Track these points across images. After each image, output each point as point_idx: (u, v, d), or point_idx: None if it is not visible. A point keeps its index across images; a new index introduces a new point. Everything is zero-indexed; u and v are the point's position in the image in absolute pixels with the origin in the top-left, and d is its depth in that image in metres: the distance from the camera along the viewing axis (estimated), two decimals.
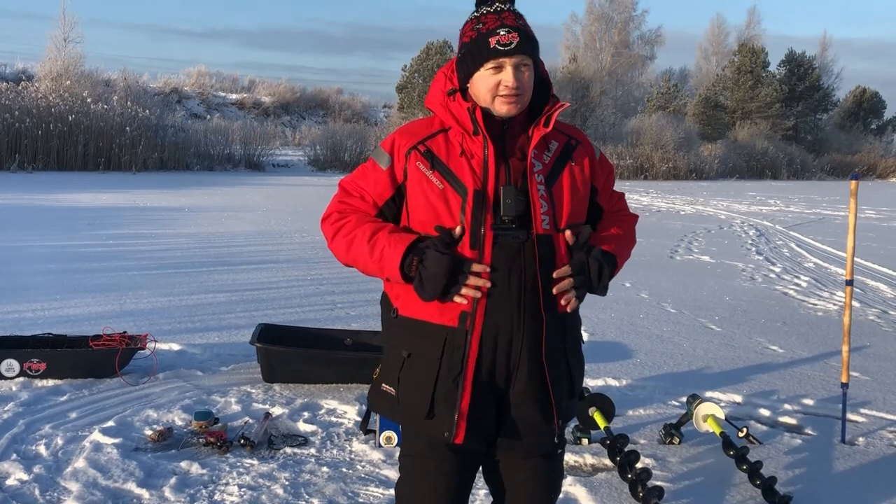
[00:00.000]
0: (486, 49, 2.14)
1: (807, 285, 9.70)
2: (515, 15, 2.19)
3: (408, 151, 2.23)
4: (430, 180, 2.19)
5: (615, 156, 39.02)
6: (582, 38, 52.00)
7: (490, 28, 2.15)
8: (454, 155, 2.20)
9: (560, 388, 2.25)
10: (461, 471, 2.32)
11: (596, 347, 6.36)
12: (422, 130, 2.27)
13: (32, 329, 5.94)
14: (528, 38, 2.16)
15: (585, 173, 2.30)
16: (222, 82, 53.22)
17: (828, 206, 24.17)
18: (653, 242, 13.34)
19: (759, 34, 56.35)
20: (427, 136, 2.24)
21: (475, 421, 2.19)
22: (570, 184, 2.25)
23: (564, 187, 2.23)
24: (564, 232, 2.21)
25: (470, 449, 2.25)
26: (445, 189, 2.18)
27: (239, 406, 4.68)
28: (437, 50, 44.45)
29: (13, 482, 3.60)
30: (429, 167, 2.20)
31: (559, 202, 2.21)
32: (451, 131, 2.24)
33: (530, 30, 2.20)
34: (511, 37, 2.13)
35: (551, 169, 2.23)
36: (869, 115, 59.13)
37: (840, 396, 4.58)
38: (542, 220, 2.17)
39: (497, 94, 2.16)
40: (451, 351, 2.17)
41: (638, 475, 3.55)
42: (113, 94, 30.84)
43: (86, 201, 17.00)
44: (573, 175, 2.26)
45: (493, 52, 2.13)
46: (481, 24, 2.18)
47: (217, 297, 7.63)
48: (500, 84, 2.15)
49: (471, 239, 2.14)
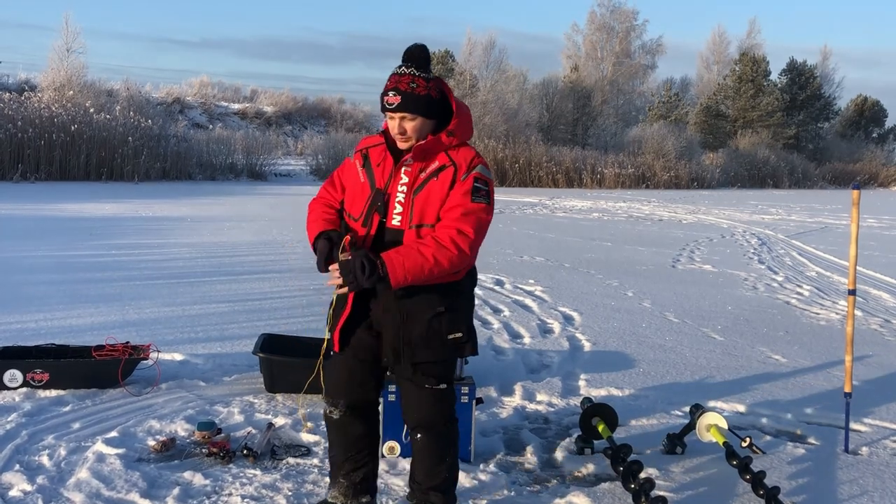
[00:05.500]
0: (382, 103, 3.10)
1: (809, 294, 9.70)
2: (411, 78, 3.07)
3: (356, 151, 3.29)
4: (358, 175, 3.23)
5: (616, 164, 39.04)
6: (583, 48, 52.10)
7: (387, 88, 3.08)
8: (377, 162, 3.20)
9: (388, 335, 3.18)
10: (353, 366, 3.28)
11: (598, 357, 6.36)
12: (372, 140, 3.30)
13: (35, 339, 5.95)
14: (410, 99, 3.04)
15: (444, 188, 3.10)
16: (224, 92, 53.30)
17: (829, 214, 24.16)
18: (655, 252, 13.35)
19: (760, 43, 56.40)
20: (371, 145, 3.28)
21: (346, 342, 3.24)
22: (428, 195, 3.09)
23: (423, 196, 3.09)
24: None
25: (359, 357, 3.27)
26: (364, 183, 3.20)
27: (242, 416, 4.68)
28: (439, 59, 44.53)
29: (16, 493, 3.60)
30: (361, 165, 3.24)
31: (417, 207, 3.08)
32: (385, 146, 3.21)
33: (421, 91, 3.06)
34: (395, 99, 3.05)
35: (423, 182, 3.10)
36: (870, 123, 59.15)
37: (843, 406, 4.57)
38: (394, 217, 3.10)
39: (393, 133, 3.13)
40: (342, 295, 3.17)
41: (641, 485, 3.55)
42: (115, 104, 30.85)
43: (88, 211, 17.01)
44: (432, 188, 3.10)
45: (384, 108, 3.10)
46: (388, 82, 3.09)
47: (219, 307, 7.63)
48: (393, 128, 3.11)
49: (363, 220, 3.14)
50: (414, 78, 3.07)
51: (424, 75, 3.10)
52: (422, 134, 3.10)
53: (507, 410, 5.01)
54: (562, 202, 26.19)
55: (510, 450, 4.37)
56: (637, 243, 14.68)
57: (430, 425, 3.29)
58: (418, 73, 3.09)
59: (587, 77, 49.57)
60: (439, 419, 3.30)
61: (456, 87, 41.72)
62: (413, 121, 3.07)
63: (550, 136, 43.17)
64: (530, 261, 11.77)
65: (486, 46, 43.16)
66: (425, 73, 3.11)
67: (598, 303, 8.53)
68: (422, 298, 3.13)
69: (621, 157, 40.03)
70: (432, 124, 3.12)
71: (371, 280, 2.96)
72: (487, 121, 39.06)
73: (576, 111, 47.44)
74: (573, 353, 6.46)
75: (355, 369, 3.28)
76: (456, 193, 3.09)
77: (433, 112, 3.11)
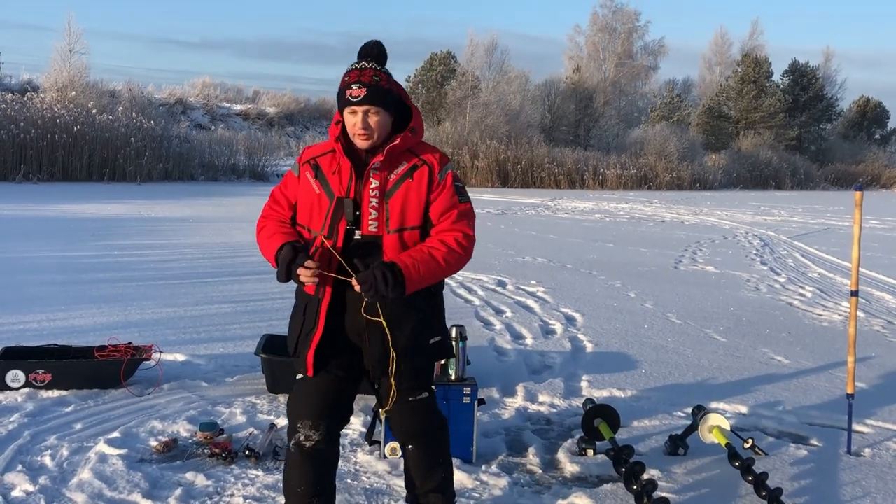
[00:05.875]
0: (343, 98, 2.92)
1: (811, 296, 9.69)
2: (374, 72, 2.92)
3: (304, 163, 3.08)
4: (311, 186, 3.02)
5: (618, 165, 39.01)
6: (585, 49, 52.11)
7: (349, 82, 2.91)
8: (331, 170, 2.99)
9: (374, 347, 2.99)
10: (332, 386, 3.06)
11: (601, 358, 6.35)
12: (318, 149, 3.09)
13: (38, 340, 5.95)
14: (375, 92, 2.89)
15: (422, 188, 2.97)
16: (227, 93, 53.37)
17: (832, 216, 24.14)
18: (657, 253, 13.34)
19: (763, 44, 56.37)
20: (319, 154, 3.07)
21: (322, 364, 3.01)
22: (404, 196, 2.95)
23: (398, 199, 2.94)
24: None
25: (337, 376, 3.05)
26: (321, 194, 2.99)
27: (244, 417, 4.68)
28: (441, 61, 44.52)
29: (18, 493, 3.60)
30: (313, 175, 3.02)
31: (392, 211, 2.93)
32: (336, 152, 3.00)
33: (384, 84, 2.92)
34: (360, 91, 2.88)
35: (393, 184, 2.95)
36: (873, 124, 59.08)
37: (845, 407, 4.57)
38: (370, 224, 2.93)
39: (354, 132, 2.93)
40: (309, 312, 3.03)
41: (643, 486, 3.55)
42: (118, 104, 30.88)
43: (91, 212, 17.03)
44: (408, 189, 2.95)
45: (347, 102, 2.91)
46: (347, 77, 2.93)
47: (222, 308, 7.64)
48: (355, 125, 2.91)
49: (328, 232, 2.95)
50: (376, 72, 2.93)
51: (385, 70, 2.98)
52: (384, 131, 2.95)
53: (509, 411, 5.01)
54: (564, 203, 26.19)
55: (512, 451, 4.37)
56: (639, 244, 14.67)
57: (420, 435, 3.19)
58: (380, 68, 2.96)
59: (589, 78, 49.55)
60: (428, 428, 3.21)
61: (458, 88, 41.76)
62: (378, 115, 2.91)
63: (552, 137, 43.14)
64: (532, 262, 11.77)
65: (489, 48, 43.13)
66: (384, 70, 2.99)
67: (601, 304, 8.53)
68: (405, 306, 2.96)
69: (623, 159, 40.00)
70: (391, 122, 2.98)
71: (396, 290, 2.80)
72: (489, 122, 39.05)
73: (578, 112, 47.41)
74: (575, 354, 6.45)
75: (334, 389, 3.06)
76: (444, 195, 2.99)
77: (394, 108, 2.98)
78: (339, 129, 2.99)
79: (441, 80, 43.76)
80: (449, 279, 9.94)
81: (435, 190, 2.98)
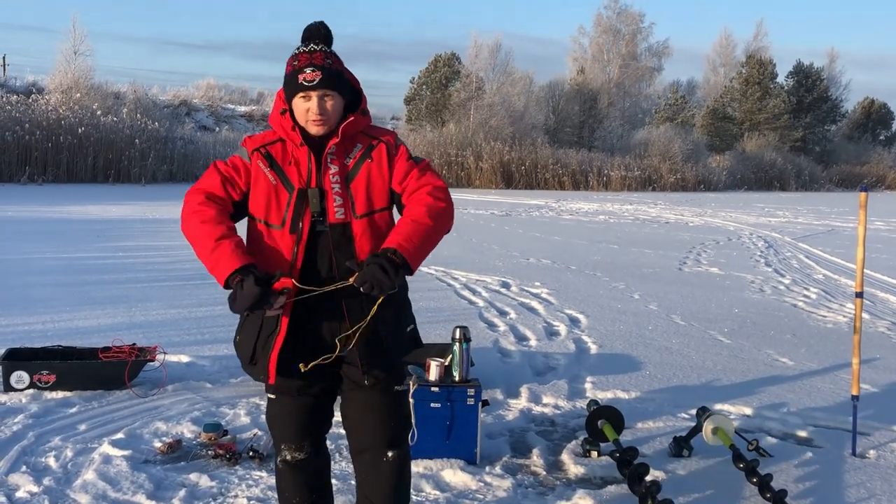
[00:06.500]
0: (296, 83, 2.68)
1: (816, 297, 9.67)
2: (325, 55, 2.70)
3: (252, 151, 2.79)
4: (266, 176, 2.75)
5: (623, 167, 39.00)
6: (590, 50, 52.10)
7: (300, 66, 2.68)
8: (286, 160, 2.76)
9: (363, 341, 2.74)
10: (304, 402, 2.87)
11: (605, 359, 6.35)
12: (265, 138, 2.83)
13: (42, 341, 5.96)
14: (330, 74, 2.68)
15: (383, 166, 2.79)
16: (231, 94, 53.36)
17: (836, 217, 24.10)
18: (661, 254, 13.33)
19: (767, 46, 56.35)
20: (269, 142, 2.80)
21: (285, 368, 2.75)
22: (367, 178, 2.76)
23: (360, 182, 2.75)
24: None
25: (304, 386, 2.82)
26: (277, 185, 2.74)
27: (248, 418, 4.68)
28: (445, 62, 44.55)
29: (23, 494, 3.60)
30: (267, 165, 2.76)
31: (356, 194, 2.73)
32: (287, 142, 2.78)
33: (337, 65, 2.72)
34: (315, 75, 2.66)
35: (351, 168, 2.76)
36: (877, 126, 59.03)
37: (850, 409, 4.56)
38: (336, 211, 2.71)
39: (308, 118, 2.70)
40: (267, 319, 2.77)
41: (647, 488, 3.54)
42: (122, 106, 30.97)
43: (95, 213, 17.06)
44: (370, 170, 2.77)
45: (301, 87, 2.67)
46: (296, 62, 2.70)
47: (226, 309, 7.62)
48: (309, 111, 2.69)
49: (290, 226, 2.71)
50: (327, 54, 2.72)
51: (334, 52, 2.77)
52: (337, 117, 2.74)
53: (513, 413, 5.00)
54: (568, 204, 26.18)
55: (516, 452, 4.36)
56: (643, 246, 14.66)
57: (401, 439, 2.95)
58: (329, 50, 2.75)
59: (593, 79, 49.56)
60: (406, 428, 3.01)
61: (462, 89, 41.78)
62: (333, 99, 2.70)
63: (556, 138, 43.18)
64: (536, 263, 11.76)
65: (492, 49, 43.16)
66: (333, 52, 2.78)
67: (605, 305, 8.52)
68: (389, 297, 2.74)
69: (627, 160, 40.04)
70: (342, 108, 2.77)
71: (402, 273, 2.61)
72: (493, 123, 39.09)
73: (582, 113, 47.43)
74: (579, 356, 6.45)
75: (310, 408, 2.88)
76: (400, 162, 2.80)
77: (347, 92, 2.78)
78: (289, 118, 2.76)
79: (445, 81, 43.79)
80: (452, 280, 9.97)
81: (395, 163, 2.81)
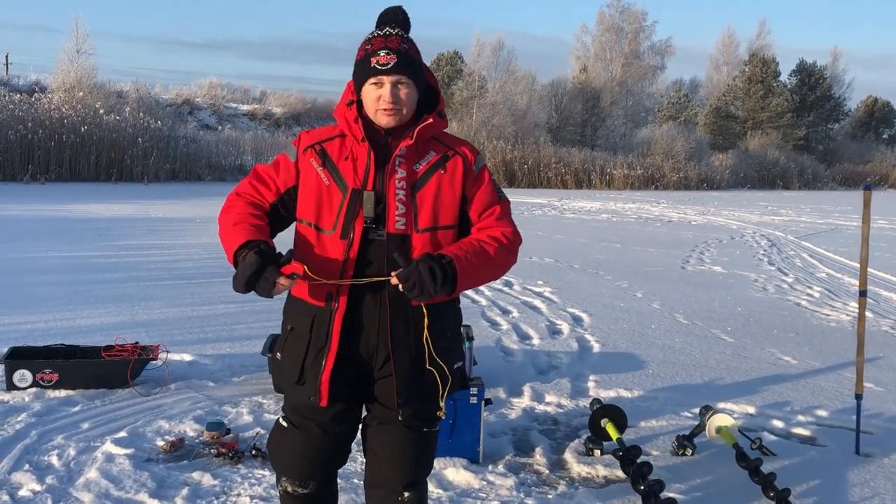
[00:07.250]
0: (368, 67, 2.44)
1: (819, 296, 9.65)
2: (401, 39, 2.47)
3: (306, 149, 2.57)
4: (318, 175, 2.52)
5: (625, 165, 38.98)
6: (592, 49, 52.09)
7: (374, 49, 2.45)
8: (342, 155, 2.53)
9: (402, 370, 2.51)
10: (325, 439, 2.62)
11: (608, 358, 6.34)
12: (322, 133, 2.60)
13: (45, 340, 5.97)
14: (406, 60, 2.44)
15: (456, 180, 2.54)
16: (234, 93, 53.37)
17: (840, 216, 24.07)
18: (664, 253, 13.31)
19: (770, 44, 56.36)
20: (325, 139, 2.58)
21: (337, 389, 2.53)
22: (436, 189, 2.51)
23: (429, 193, 2.50)
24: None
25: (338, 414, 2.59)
26: (330, 185, 2.50)
27: (251, 417, 4.68)
28: (448, 61, 44.57)
29: (25, 493, 3.60)
30: (320, 164, 2.53)
31: (421, 206, 2.49)
32: (347, 137, 2.55)
33: (414, 53, 2.49)
34: (389, 58, 2.42)
35: (421, 176, 2.51)
36: (881, 124, 59.00)
37: (854, 407, 4.55)
38: (397, 220, 2.46)
39: (378, 107, 2.45)
40: (318, 327, 2.51)
41: (650, 487, 3.53)
42: (125, 105, 30.99)
43: (98, 212, 17.08)
44: (440, 182, 2.52)
45: (373, 71, 2.43)
46: (370, 45, 2.47)
47: (229, 308, 7.64)
48: (380, 98, 2.44)
49: (342, 231, 2.47)
50: (403, 39, 2.48)
51: (411, 39, 2.53)
52: (412, 109, 2.50)
53: (516, 411, 5.00)
54: (570, 203, 26.17)
55: (519, 451, 4.36)
56: (646, 244, 14.64)
57: (421, 481, 2.73)
58: (406, 35, 2.51)
59: (596, 78, 49.55)
60: (428, 469, 2.76)
61: (465, 88, 41.78)
62: (408, 88, 2.45)
63: (559, 137, 43.18)
64: (539, 262, 11.75)
65: (495, 48, 43.14)
66: (411, 38, 2.54)
67: (608, 304, 8.51)
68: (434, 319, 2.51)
69: (630, 159, 40.02)
70: (416, 102, 2.52)
71: (445, 288, 2.34)
72: (496, 122, 39.08)
73: (585, 112, 47.41)
74: (582, 355, 6.44)
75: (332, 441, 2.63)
76: (484, 191, 2.58)
77: (423, 85, 2.54)
78: (354, 109, 2.51)
79: (448, 80, 43.83)
80: None
81: (472, 185, 2.56)
